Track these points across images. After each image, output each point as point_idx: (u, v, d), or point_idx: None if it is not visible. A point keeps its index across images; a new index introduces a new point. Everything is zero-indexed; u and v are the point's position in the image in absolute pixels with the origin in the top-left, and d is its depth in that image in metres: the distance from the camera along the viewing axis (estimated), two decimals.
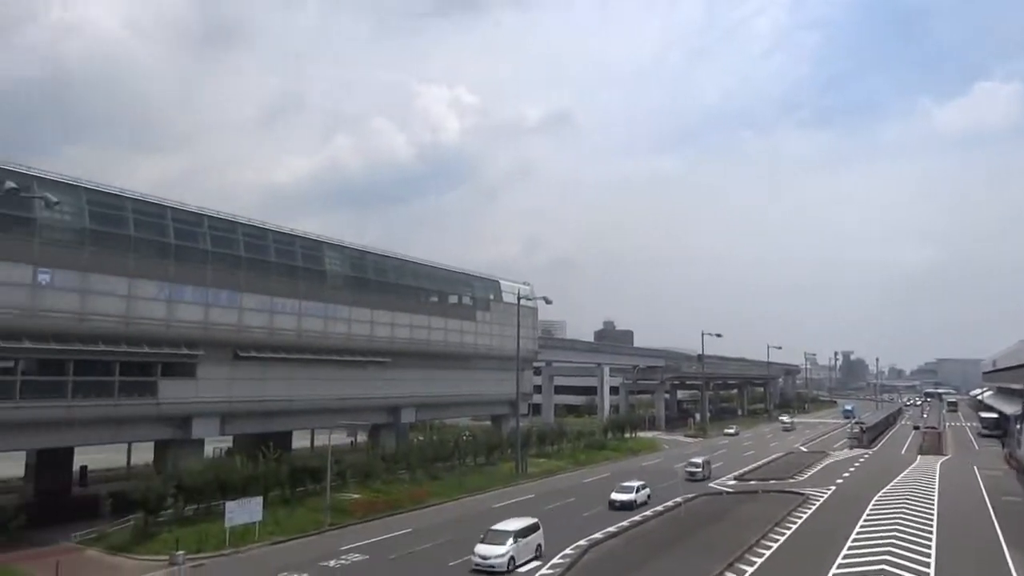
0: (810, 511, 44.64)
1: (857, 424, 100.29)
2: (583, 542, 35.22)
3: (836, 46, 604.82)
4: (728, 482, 57.95)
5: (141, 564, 31.76)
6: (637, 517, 41.95)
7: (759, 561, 32.19)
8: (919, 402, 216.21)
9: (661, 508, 44.56)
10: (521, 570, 30.67)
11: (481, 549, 30.65)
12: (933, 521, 40.80)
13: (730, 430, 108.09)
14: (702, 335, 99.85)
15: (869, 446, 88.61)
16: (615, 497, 45.29)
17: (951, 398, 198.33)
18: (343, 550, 33.93)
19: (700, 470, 58.30)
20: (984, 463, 70.43)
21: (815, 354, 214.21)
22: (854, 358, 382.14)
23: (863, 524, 40.17)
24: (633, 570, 31.11)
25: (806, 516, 43.06)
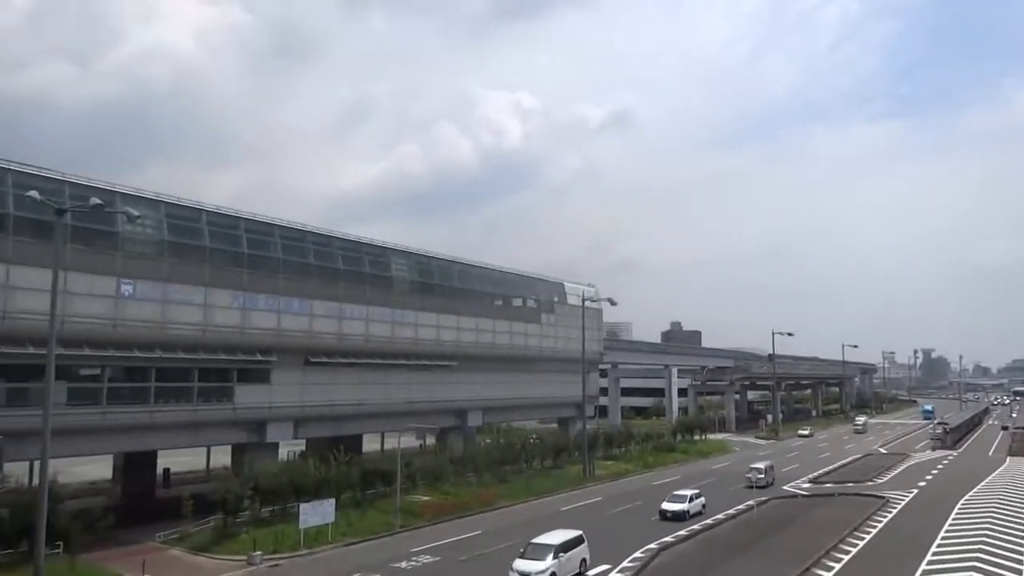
0: (890, 515, 43.01)
1: (940, 424, 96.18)
2: (653, 545, 34.78)
3: (911, 34, 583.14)
4: (802, 485, 56.35)
5: (220, 564, 32.79)
6: (709, 520, 41.17)
7: (836, 567, 31.17)
8: (1007, 400, 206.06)
9: (733, 512, 43.65)
10: None
11: (520, 565, 28.38)
12: None
13: (804, 431, 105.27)
14: (772, 334, 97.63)
15: (953, 447, 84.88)
16: (666, 507, 42.50)
17: None
18: (414, 552, 34.36)
19: (762, 476, 53.87)
20: None
21: (893, 352, 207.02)
22: (935, 356, 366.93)
23: (948, 529, 38.46)
24: (704, 574, 30.56)
25: (886, 520, 41.51)
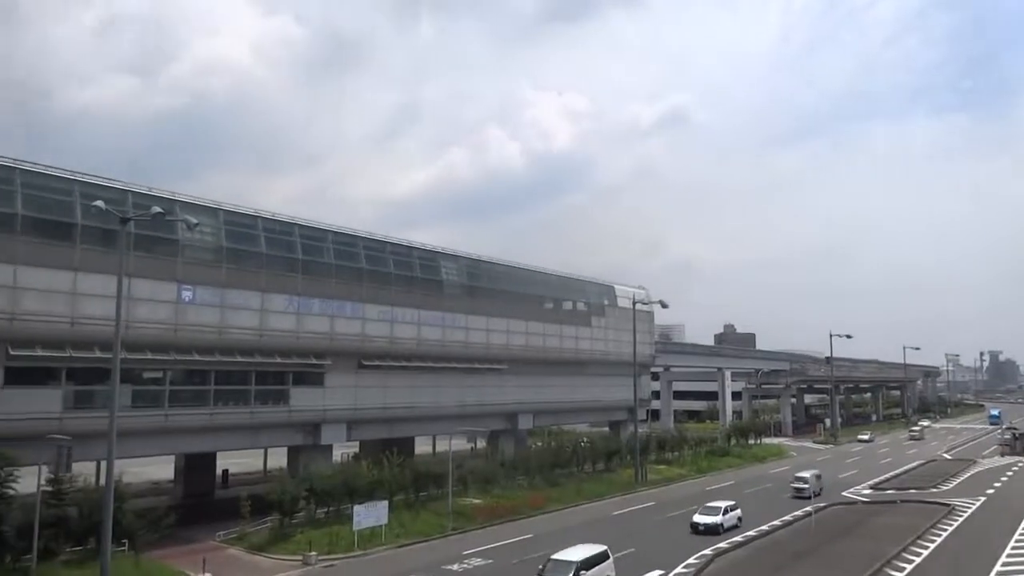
0: (957, 523, 41.53)
1: (1008, 430, 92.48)
2: (708, 551, 34.22)
3: (975, 25, 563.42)
4: (863, 491, 54.81)
5: (277, 564, 33.47)
6: (765, 527, 40.31)
7: None
8: None
9: (790, 518, 42.69)
10: None
11: None
12: None
13: (864, 436, 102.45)
14: (830, 337, 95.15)
15: (1023, 453, 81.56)
16: (698, 520, 39.42)
17: None
18: (466, 554, 34.49)
19: (807, 486, 50.38)
20: None
21: (958, 355, 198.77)
22: (1003, 359, 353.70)
23: (1020, 538, 36.99)
24: None
25: (952, 528, 40.10)
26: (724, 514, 39.74)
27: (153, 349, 36.66)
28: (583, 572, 26.93)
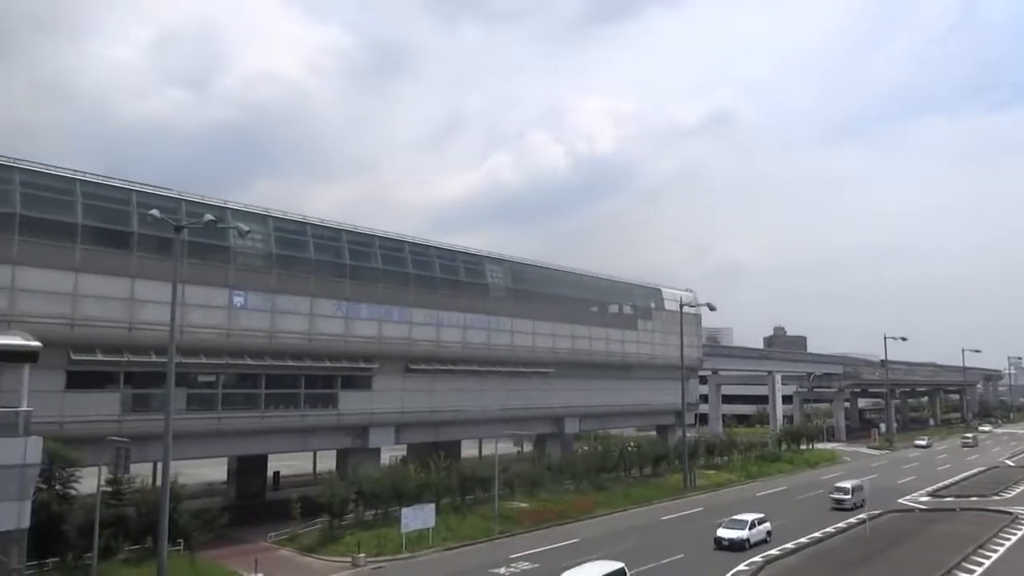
0: (1021, 532, 40.05)
1: None
2: (758, 558, 33.64)
3: None
4: (920, 498, 53.23)
5: (327, 565, 33.90)
6: (818, 533, 39.38)
7: None
8: None
9: (844, 525, 41.67)
10: None
11: None
12: None
13: (921, 441, 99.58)
14: (884, 339, 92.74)
15: None
16: (722, 534, 36.40)
17: None
18: (512, 558, 34.51)
19: (848, 497, 47.42)
20: None
21: (1020, 358, 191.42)
22: None
23: None
24: None
25: (1016, 537, 38.67)
26: (751, 528, 36.76)
27: (207, 353, 37.55)
28: None
